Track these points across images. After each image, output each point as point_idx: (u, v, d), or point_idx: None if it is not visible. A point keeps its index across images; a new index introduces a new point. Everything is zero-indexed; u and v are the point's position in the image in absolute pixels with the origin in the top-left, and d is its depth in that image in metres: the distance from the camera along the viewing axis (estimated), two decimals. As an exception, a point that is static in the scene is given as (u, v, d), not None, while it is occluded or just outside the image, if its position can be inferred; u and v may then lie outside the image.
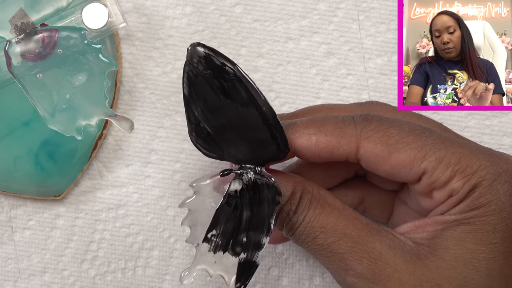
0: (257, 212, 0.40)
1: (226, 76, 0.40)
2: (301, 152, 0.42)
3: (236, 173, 0.41)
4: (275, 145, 0.41)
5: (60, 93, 0.47)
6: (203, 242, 0.41)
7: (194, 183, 0.42)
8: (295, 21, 0.53)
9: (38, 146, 0.51)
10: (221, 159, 0.42)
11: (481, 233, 0.40)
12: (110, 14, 0.50)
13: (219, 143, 0.41)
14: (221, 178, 0.41)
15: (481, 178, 0.40)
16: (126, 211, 0.53)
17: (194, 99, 0.41)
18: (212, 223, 0.41)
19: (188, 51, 0.40)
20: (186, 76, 0.40)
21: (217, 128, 0.41)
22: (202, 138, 0.41)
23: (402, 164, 0.41)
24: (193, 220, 0.42)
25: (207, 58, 0.40)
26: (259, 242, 0.40)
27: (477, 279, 0.40)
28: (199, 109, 0.41)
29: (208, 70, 0.40)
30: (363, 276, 0.40)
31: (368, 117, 0.42)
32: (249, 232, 0.41)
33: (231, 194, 0.41)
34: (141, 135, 0.53)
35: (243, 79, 0.40)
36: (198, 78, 0.40)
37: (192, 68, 0.40)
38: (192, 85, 0.40)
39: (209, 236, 0.41)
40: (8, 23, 0.47)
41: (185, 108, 0.41)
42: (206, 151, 0.42)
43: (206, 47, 0.40)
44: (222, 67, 0.40)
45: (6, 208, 0.53)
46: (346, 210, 0.42)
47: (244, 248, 0.41)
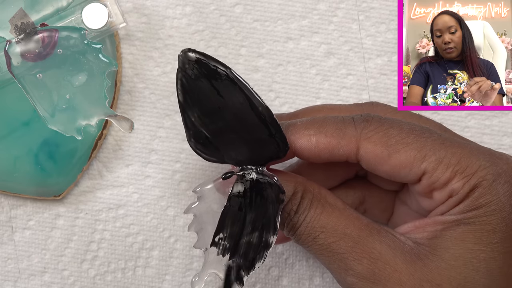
0: (262, 211, 0.40)
1: (220, 79, 0.40)
2: (302, 153, 0.42)
3: (238, 175, 0.41)
4: (274, 144, 0.41)
5: (60, 93, 0.47)
6: (211, 246, 0.41)
7: (197, 188, 0.42)
8: (295, 21, 0.53)
9: (38, 146, 0.51)
10: (221, 162, 0.42)
11: (481, 233, 0.40)
12: (110, 14, 0.50)
13: (218, 147, 0.41)
14: (223, 181, 0.41)
15: (481, 178, 0.40)
16: (126, 211, 0.53)
17: (190, 105, 0.40)
18: (219, 227, 0.41)
19: (180, 57, 0.40)
20: (179, 83, 0.40)
21: (215, 132, 0.41)
22: (201, 143, 0.41)
23: (402, 164, 0.41)
24: (200, 225, 0.42)
25: (199, 63, 0.40)
26: (266, 241, 0.40)
27: (477, 279, 0.40)
28: (196, 115, 0.41)
29: (201, 75, 0.40)
30: (363, 276, 0.40)
31: (368, 118, 0.42)
32: (255, 232, 0.41)
33: (235, 195, 0.41)
34: (141, 135, 0.53)
35: (236, 81, 0.40)
36: (192, 84, 0.40)
37: (184, 74, 0.40)
38: (186, 91, 0.40)
39: (216, 240, 0.41)
40: (8, 23, 0.47)
41: (182, 114, 0.41)
42: (206, 155, 0.41)
43: (197, 52, 0.40)
44: (215, 70, 0.40)
45: (6, 208, 0.53)
46: (347, 210, 0.42)
47: (253, 248, 0.41)
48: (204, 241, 0.42)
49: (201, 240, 0.42)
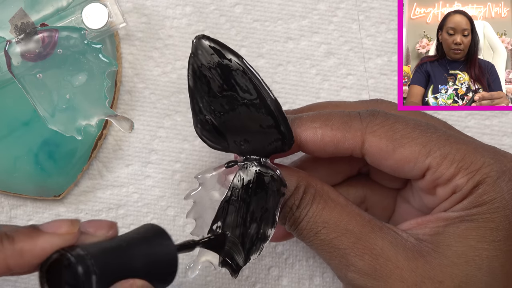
0: (262, 203, 0.40)
1: (231, 68, 0.40)
2: (307, 146, 0.42)
3: (241, 165, 0.41)
4: (280, 136, 0.41)
5: (60, 93, 0.47)
6: (208, 233, 0.41)
7: (199, 175, 0.42)
8: (295, 21, 0.53)
9: (38, 146, 0.51)
10: (226, 150, 0.42)
11: (484, 231, 0.40)
12: (110, 14, 0.50)
13: (224, 135, 0.41)
14: (226, 169, 0.42)
15: (485, 175, 0.40)
16: (126, 211, 0.53)
17: (199, 90, 0.41)
18: (218, 215, 0.41)
19: (193, 43, 0.40)
20: (191, 68, 0.41)
21: (221, 119, 0.41)
22: (207, 130, 0.41)
23: (406, 159, 0.41)
24: (198, 212, 0.42)
25: (212, 50, 0.40)
26: (264, 233, 0.41)
27: (479, 276, 0.40)
28: (204, 101, 0.41)
29: (212, 62, 0.40)
30: (364, 272, 0.40)
31: (374, 113, 0.42)
32: (254, 224, 0.41)
33: (236, 185, 0.41)
34: (141, 135, 0.53)
35: (247, 71, 0.40)
36: (203, 70, 0.40)
37: (197, 60, 0.40)
38: (197, 77, 0.41)
39: (214, 228, 0.41)
40: (8, 23, 0.47)
41: (190, 99, 0.41)
42: (211, 142, 0.42)
43: (211, 39, 0.40)
44: (227, 59, 0.40)
45: (6, 208, 0.52)
46: (349, 206, 0.42)
47: (250, 239, 0.41)
48: (202, 229, 0.42)
49: (198, 227, 0.42)
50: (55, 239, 0.37)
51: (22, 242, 0.37)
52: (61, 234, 0.37)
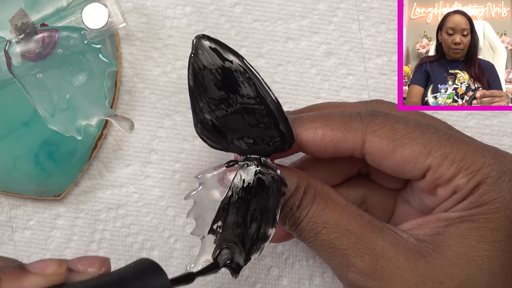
0: (262, 203, 0.40)
1: (231, 68, 0.40)
2: (307, 146, 0.42)
3: (241, 164, 0.41)
4: (280, 136, 0.41)
5: (60, 93, 0.47)
6: (209, 233, 0.41)
7: (199, 175, 0.42)
8: (295, 21, 0.53)
9: (38, 146, 0.51)
10: (226, 150, 0.42)
11: (484, 231, 0.40)
12: (110, 14, 0.50)
13: (224, 135, 0.41)
14: (226, 169, 0.42)
15: (486, 175, 0.40)
16: (126, 211, 0.53)
17: (199, 90, 0.41)
18: (218, 215, 0.41)
19: (193, 43, 0.40)
20: (191, 67, 0.41)
21: (222, 119, 0.41)
22: (207, 130, 0.41)
23: (407, 159, 0.41)
24: (199, 212, 0.42)
25: (212, 50, 0.40)
26: (265, 233, 0.40)
27: (480, 277, 0.40)
28: (204, 100, 0.41)
29: (213, 62, 0.40)
30: (364, 272, 0.40)
31: (375, 113, 0.42)
32: (255, 223, 0.41)
33: (237, 185, 0.41)
34: (141, 135, 0.53)
35: (248, 71, 0.40)
36: (203, 70, 0.40)
37: (197, 60, 0.40)
38: (197, 77, 0.41)
39: (214, 228, 0.41)
40: (8, 23, 0.47)
41: (190, 99, 0.41)
42: (211, 142, 0.42)
43: (211, 39, 0.40)
44: (227, 59, 0.40)
45: (6, 208, 0.52)
46: (349, 207, 0.42)
47: (250, 239, 0.41)
48: (202, 229, 0.42)
49: (199, 227, 0.42)
50: (40, 280, 0.36)
51: (8, 284, 0.36)
52: (47, 275, 0.36)
